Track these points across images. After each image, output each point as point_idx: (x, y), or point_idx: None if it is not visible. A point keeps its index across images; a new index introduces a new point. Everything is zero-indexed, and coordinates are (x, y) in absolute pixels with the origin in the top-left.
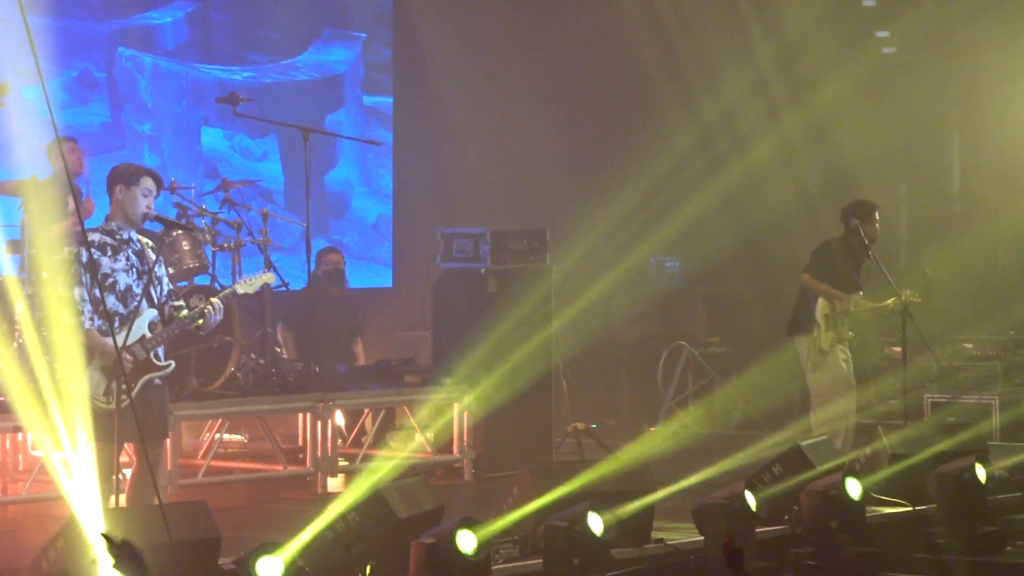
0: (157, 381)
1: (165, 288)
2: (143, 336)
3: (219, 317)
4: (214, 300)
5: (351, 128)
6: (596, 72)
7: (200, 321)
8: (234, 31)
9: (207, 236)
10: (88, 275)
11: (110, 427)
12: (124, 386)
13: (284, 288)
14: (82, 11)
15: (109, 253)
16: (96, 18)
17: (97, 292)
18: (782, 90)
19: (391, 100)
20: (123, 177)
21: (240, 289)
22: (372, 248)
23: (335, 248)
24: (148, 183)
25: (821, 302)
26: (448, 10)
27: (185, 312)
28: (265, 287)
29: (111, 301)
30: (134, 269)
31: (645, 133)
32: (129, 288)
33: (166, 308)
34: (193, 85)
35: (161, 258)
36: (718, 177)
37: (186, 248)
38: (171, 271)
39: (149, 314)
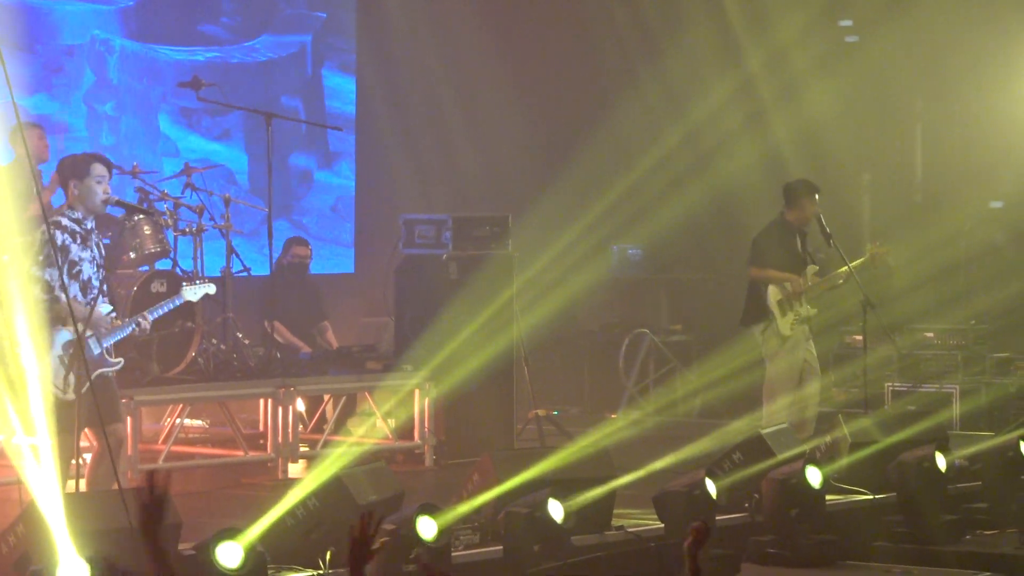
0: (110, 373)
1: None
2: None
3: (147, 327)
4: (146, 316)
5: (313, 109)
6: (560, 59)
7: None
8: (195, 11)
9: (169, 221)
10: (58, 258)
11: (68, 417)
12: (83, 372)
13: (246, 274)
14: None
15: (78, 241)
16: None
17: (66, 279)
18: (746, 79)
19: (354, 82)
20: (73, 170)
21: (185, 295)
22: (333, 229)
23: (304, 241)
24: (99, 169)
25: (772, 289)
26: None
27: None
28: (227, 274)
29: (74, 288)
30: (95, 262)
31: (608, 120)
32: (90, 280)
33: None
34: (153, 64)
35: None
36: (680, 164)
37: (148, 233)
38: (132, 255)
39: (104, 309)
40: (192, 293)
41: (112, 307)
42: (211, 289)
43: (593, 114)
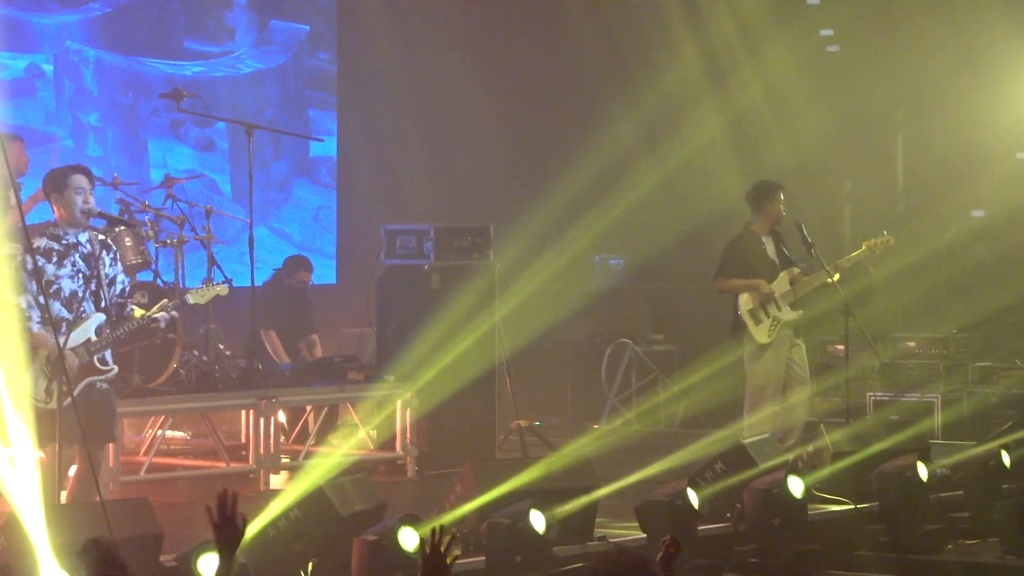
0: (103, 385)
1: (119, 287)
2: (88, 339)
3: (168, 317)
4: (168, 307)
5: (295, 120)
6: (540, 68)
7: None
8: (176, 23)
9: (150, 232)
10: (33, 282)
11: (52, 427)
12: (66, 387)
13: (227, 285)
14: (29, 1)
15: (55, 260)
16: (43, 9)
17: (41, 299)
18: (727, 88)
19: (334, 94)
20: (54, 184)
21: (191, 299)
22: (314, 240)
23: (309, 265)
24: (78, 180)
25: (742, 299)
26: (392, 5)
27: (140, 314)
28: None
29: (56, 307)
30: (80, 275)
31: (589, 130)
32: (75, 294)
33: (114, 309)
34: (140, 77)
35: (114, 256)
36: (662, 175)
37: (128, 244)
38: None
39: (97, 318)
40: (200, 296)
41: (104, 316)
42: (223, 291)
43: (576, 124)
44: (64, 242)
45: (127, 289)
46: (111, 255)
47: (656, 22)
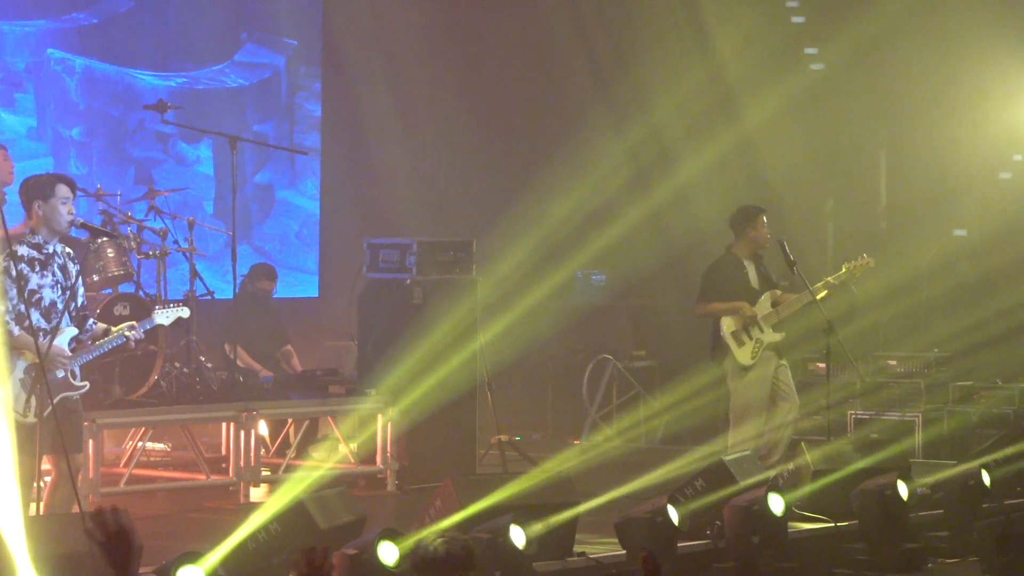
0: (74, 396)
1: (80, 300)
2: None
3: (136, 336)
4: (135, 327)
5: (280, 134)
6: (524, 85)
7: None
8: (165, 34)
9: (132, 243)
10: (16, 289)
11: (28, 440)
12: (42, 399)
13: (209, 297)
14: (8, 10)
15: (37, 269)
16: (24, 17)
17: (22, 308)
18: (710, 106)
19: (319, 108)
20: (38, 191)
21: (157, 319)
22: (296, 256)
23: (272, 273)
24: (63, 190)
25: (724, 321)
26: (377, 21)
27: (104, 339)
28: (190, 298)
29: (35, 317)
30: (59, 285)
31: (573, 146)
32: (54, 304)
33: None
34: (126, 89)
35: (79, 269)
36: (645, 191)
37: (111, 255)
38: (96, 278)
39: (69, 332)
40: (164, 317)
41: (78, 329)
42: (184, 312)
43: (560, 141)
44: (44, 252)
45: (85, 303)
46: (77, 267)
47: (641, 42)
